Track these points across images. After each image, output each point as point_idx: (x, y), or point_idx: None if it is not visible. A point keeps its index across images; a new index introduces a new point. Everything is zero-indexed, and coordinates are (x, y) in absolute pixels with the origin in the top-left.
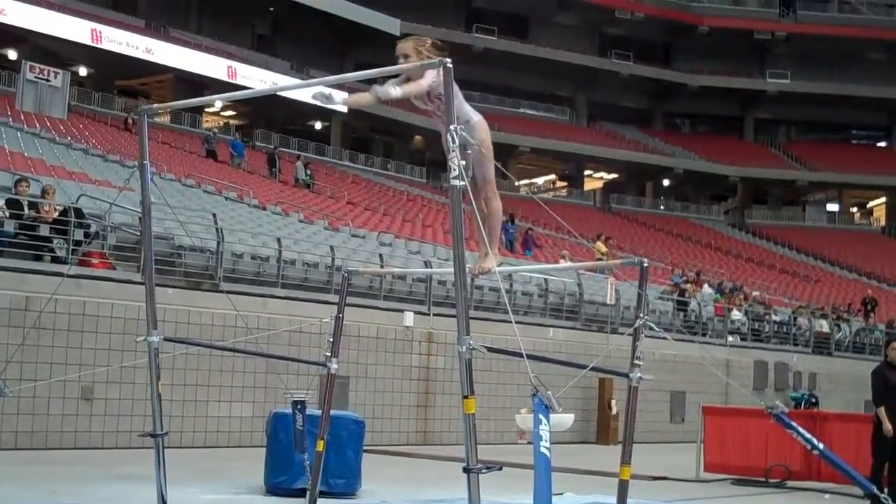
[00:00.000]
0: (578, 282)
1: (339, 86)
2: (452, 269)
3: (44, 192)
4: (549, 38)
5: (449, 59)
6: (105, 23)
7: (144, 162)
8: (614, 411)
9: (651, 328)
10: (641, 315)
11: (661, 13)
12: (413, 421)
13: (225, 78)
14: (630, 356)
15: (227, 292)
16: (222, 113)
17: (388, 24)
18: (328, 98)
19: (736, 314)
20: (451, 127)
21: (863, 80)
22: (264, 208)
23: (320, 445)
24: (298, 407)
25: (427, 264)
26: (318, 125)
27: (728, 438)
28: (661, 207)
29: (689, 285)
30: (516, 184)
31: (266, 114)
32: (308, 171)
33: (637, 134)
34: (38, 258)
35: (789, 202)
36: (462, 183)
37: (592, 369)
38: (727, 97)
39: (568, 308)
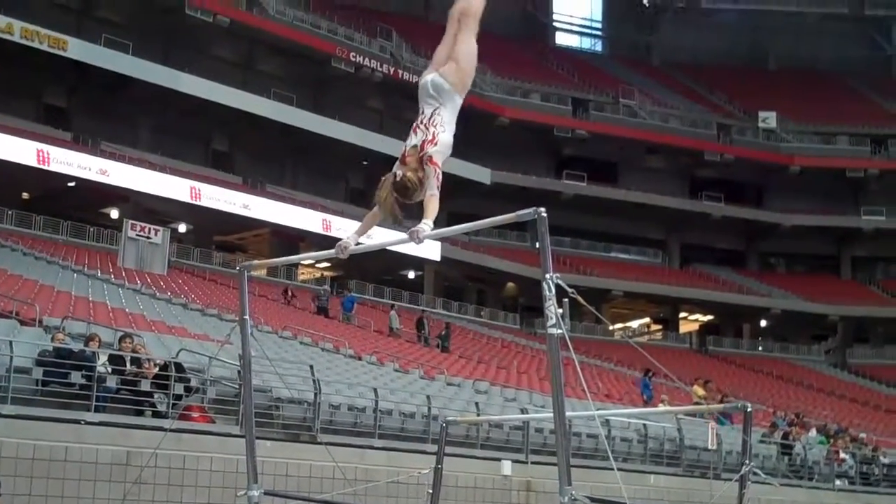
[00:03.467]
0: (678, 426)
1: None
2: (550, 416)
3: (121, 340)
4: (638, 182)
5: (542, 209)
6: (204, 181)
7: (245, 317)
8: None
9: (756, 474)
10: (747, 461)
11: (751, 154)
12: None
13: (320, 231)
14: None
15: (326, 444)
16: (317, 265)
17: (480, 173)
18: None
19: (844, 457)
20: (547, 276)
21: None
22: (360, 358)
23: None
24: None
25: (523, 411)
26: (411, 275)
27: None
28: (759, 349)
29: (793, 428)
30: (610, 328)
31: (360, 265)
32: (435, 329)
33: (731, 275)
34: (140, 413)
35: (892, 340)
36: (560, 331)
37: None
38: (822, 236)
39: (668, 454)
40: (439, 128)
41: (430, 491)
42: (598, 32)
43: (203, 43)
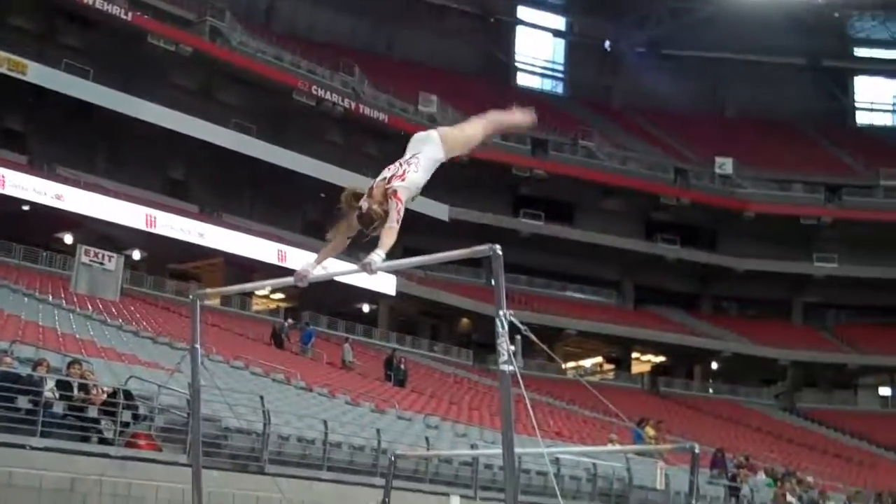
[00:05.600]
0: (627, 466)
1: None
2: (499, 452)
3: (70, 365)
4: (595, 222)
5: (498, 246)
6: (160, 208)
7: (196, 345)
8: None
9: None
10: (693, 502)
11: (707, 199)
12: None
13: (275, 261)
14: None
15: (273, 475)
16: (272, 296)
17: (437, 210)
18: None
19: (791, 500)
20: (500, 312)
21: None
22: (311, 390)
23: None
24: None
25: (474, 447)
26: (365, 308)
27: None
28: (710, 391)
29: (740, 470)
30: (563, 367)
31: (315, 297)
32: (403, 367)
33: (684, 317)
34: (86, 439)
35: (840, 385)
36: (511, 368)
37: None
38: (775, 281)
39: (617, 493)
40: (412, 167)
41: None
42: (560, 74)
43: (164, 71)
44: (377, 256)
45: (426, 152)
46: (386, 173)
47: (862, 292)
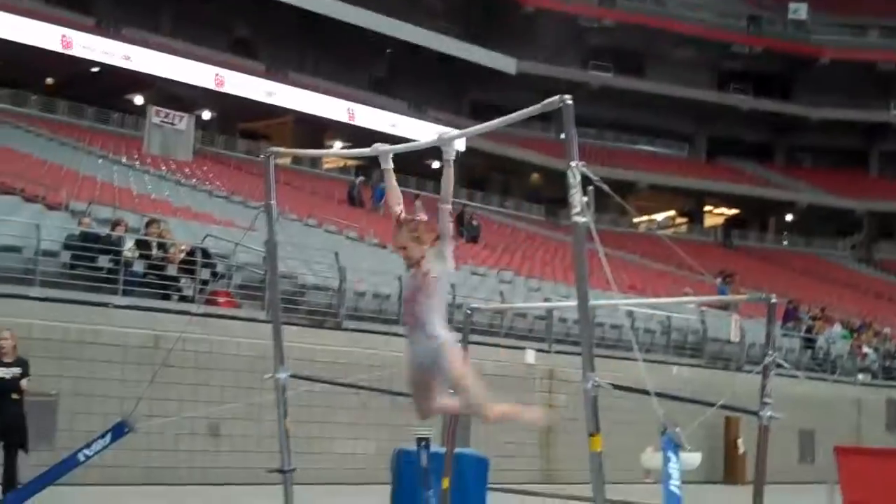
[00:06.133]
0: (702, 319)
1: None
2: (573, 305)
3: (148, 225)
4: (665, 74)
5: (568, 97)
6: (227, 67)
7: (270, 202)
8: (741, 451)
9: (780, 366)
10: (770, 352)
11: (780, 46)
12: (535, 459)
13: (345, 119)
14: (759, 394)
15: (351, 330)
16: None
17: (505, 63)
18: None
19: (867, 351)
20: (572, 164)
21: None
22: (384, 247)
23: (445, 483)
24: (423, 444)
25: (548, 300)
26: (435, 164)
27: (867, 481)
28: (785, 243)
29: (816, 322)
30: (634, 220)
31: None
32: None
33: (758, 169)
34: (167, 297)
35: None
36: (584, 219)
37: (721, 407)
38: (850, 130)
39: (691, 346)
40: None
41: None
42: None
43: None
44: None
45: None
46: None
47: None
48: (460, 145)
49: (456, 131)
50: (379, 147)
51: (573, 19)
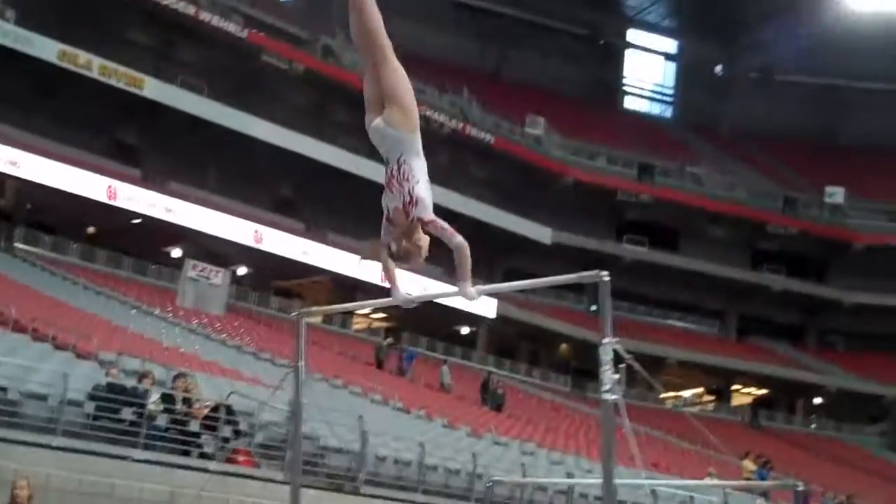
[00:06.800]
0: (725, 501)
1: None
2: (596, 481)
3: (175, 378)
4: (700, 250)
5: (605, 273)
6: (267, 224)
7: (300, 363)
8: None
9: None
10: None
11: (816, 229)
12: None
13: (378, 282)
14: None
15: (369, 496)
16: (371, 315)
17: (540, 233)
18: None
19: None
20: (605, 340)
21: None
22: (408, 412)
23: None
24: None
25: (569, 475)
26: (464, 330)
27: None
28: (813, 426)
29: None
30: (661, 396)
31: (414, 317)
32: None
33: (789, 350)
34: (186, 453)
35: None
36: (614, 397)
37: None
38: (884, 315)
39: None
40: (412, 181)
41: None
42: (669, 98)
43: (276, 89)
44: (465, 286)
45: (409, 153)
46: (394, 201)
47: None
48: (490, 311)
49: (474, 291)
50: (399, 295)
51: (611, 193)
